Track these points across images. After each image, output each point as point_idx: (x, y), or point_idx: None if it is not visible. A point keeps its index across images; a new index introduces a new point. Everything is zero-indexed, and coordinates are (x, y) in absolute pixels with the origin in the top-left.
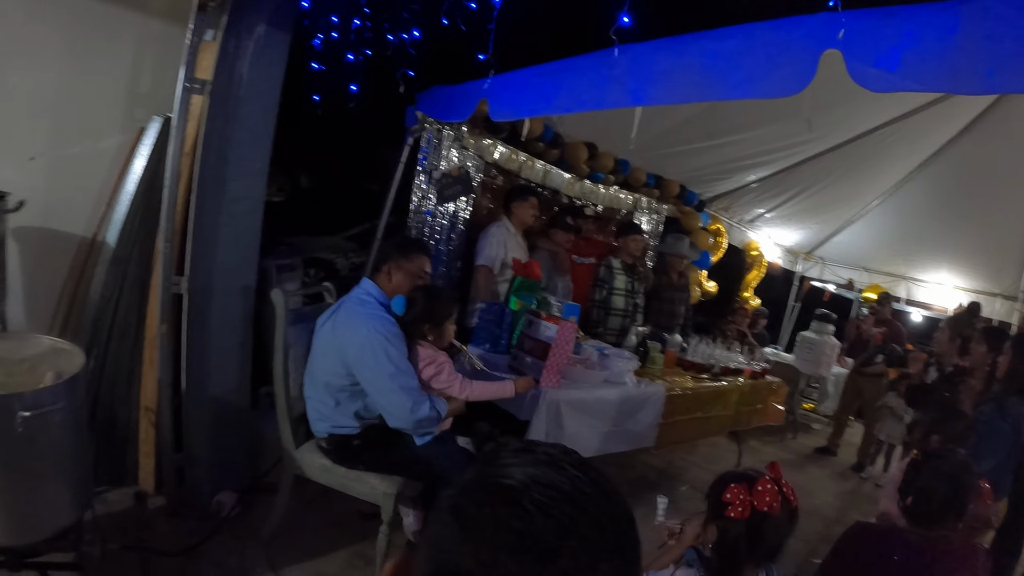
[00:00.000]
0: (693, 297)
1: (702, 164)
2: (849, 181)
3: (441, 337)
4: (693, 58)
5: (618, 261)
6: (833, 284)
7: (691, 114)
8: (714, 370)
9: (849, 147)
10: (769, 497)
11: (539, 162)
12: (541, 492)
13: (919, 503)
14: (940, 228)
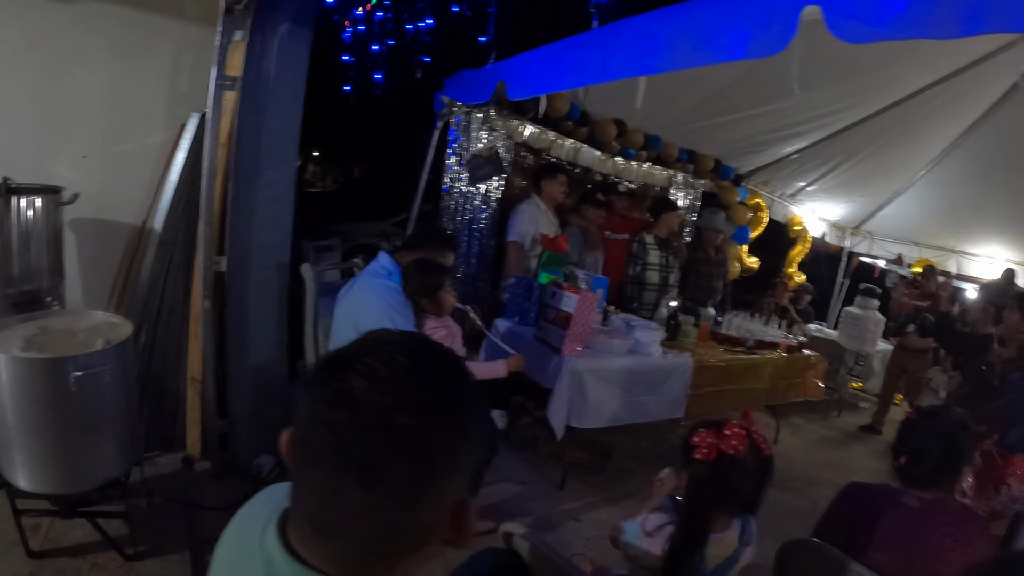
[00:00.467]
0: (733, 272)
1: (736, 137)
2: (893, 150)
3: (440, 307)
4: (685, 25)
5: (651, 236)
6: (883, 259)
7: (720, 86)
8: (748, 343)
9: (889, 114)
10: (735, 440)
11: (568, 140)
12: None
13: (913, 463)
14: (989, 198)
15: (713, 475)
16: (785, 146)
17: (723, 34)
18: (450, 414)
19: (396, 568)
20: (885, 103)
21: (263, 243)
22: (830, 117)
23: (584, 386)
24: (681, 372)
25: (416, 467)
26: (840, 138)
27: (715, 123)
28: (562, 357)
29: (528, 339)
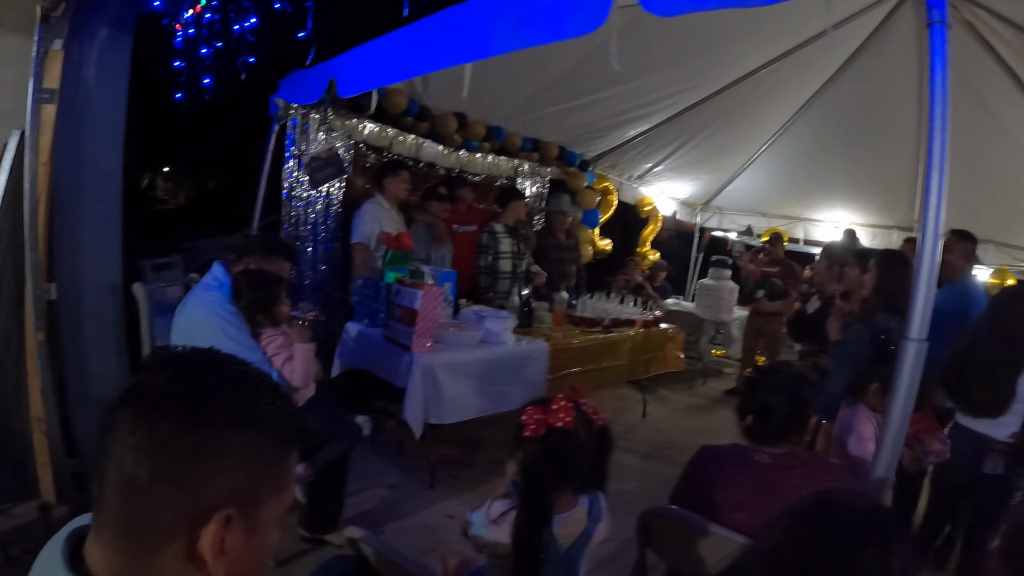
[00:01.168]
0: (586, 256)
1: (579, 123)
2: (735, 127)
3: (275, 320)
4: (505, 8)
5: (500, 226)
6: (734, 232)
7: (558, 73)
8: (604, 323)
9: (729, 93)
10: (563, 413)
11: (410, 136)
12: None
13: (759, 421)
14: (830, 167)
15: (545, 451)
16: (629, 129)
17: (541, 14)
18: (192, 404)
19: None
20: (724, 82)
21: (92, 266)
22: (671, 99)
23: (438, 381)
24: (537, 357)
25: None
26: (683, 118)
27: (557, 110)
28: (412, 354)
29: (378, 340)
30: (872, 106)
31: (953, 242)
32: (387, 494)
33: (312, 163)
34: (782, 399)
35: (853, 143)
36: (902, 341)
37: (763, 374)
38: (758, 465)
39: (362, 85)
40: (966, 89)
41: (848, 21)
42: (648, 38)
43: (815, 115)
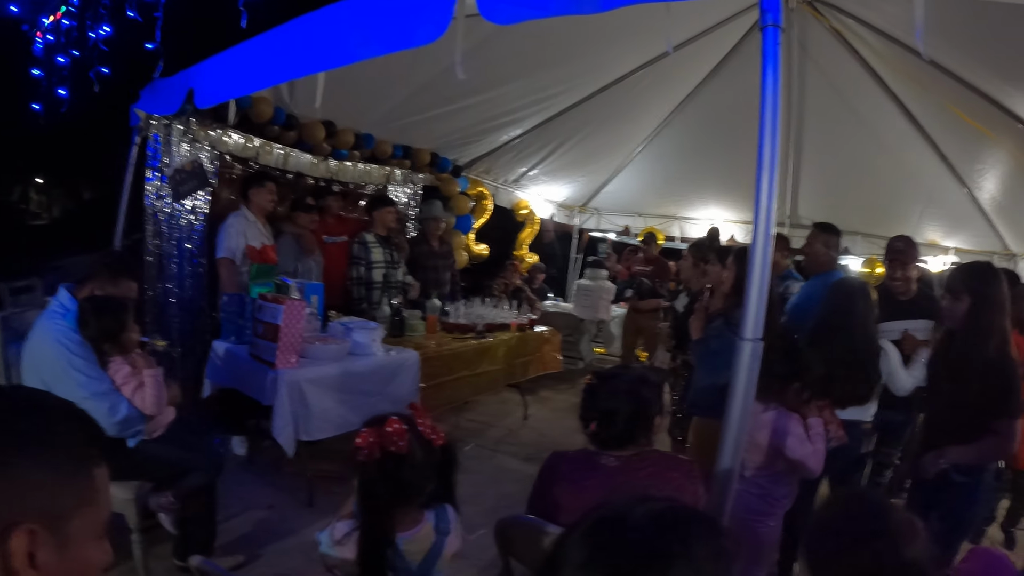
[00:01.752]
0: (461, 261)
1: (450, 129)
2: (610, 130)
3: (124, 348)
4: (353, 17)
5: (372, 235)
6: (612, 232)
7: (427, 79)
8: (478, 328)
9: (602, 96)
10: (397, 437)
11: (277, 146)
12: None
13: (603, 427)
14: (702, 166)
15: (380, 475)
16: (502, 134)
17: (386, 24)
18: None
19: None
20: (598, 86)
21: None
22: (544, 103)
23: (305, 397)
24: (408, 367)
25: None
26: (557, 122)
27: (428, 116)
28: (277, 371)
29: (244, 357)
30: (741, 107)
31: (816, 235)
32: (265, 515)
33: (175, 176)
34: (623, 403)
35: (724, 143)
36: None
37: (602, 380)
38: (605, 469)
39: (220, 95)
40: (834, 92)
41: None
42: (517, 43)
43: (688, 117)
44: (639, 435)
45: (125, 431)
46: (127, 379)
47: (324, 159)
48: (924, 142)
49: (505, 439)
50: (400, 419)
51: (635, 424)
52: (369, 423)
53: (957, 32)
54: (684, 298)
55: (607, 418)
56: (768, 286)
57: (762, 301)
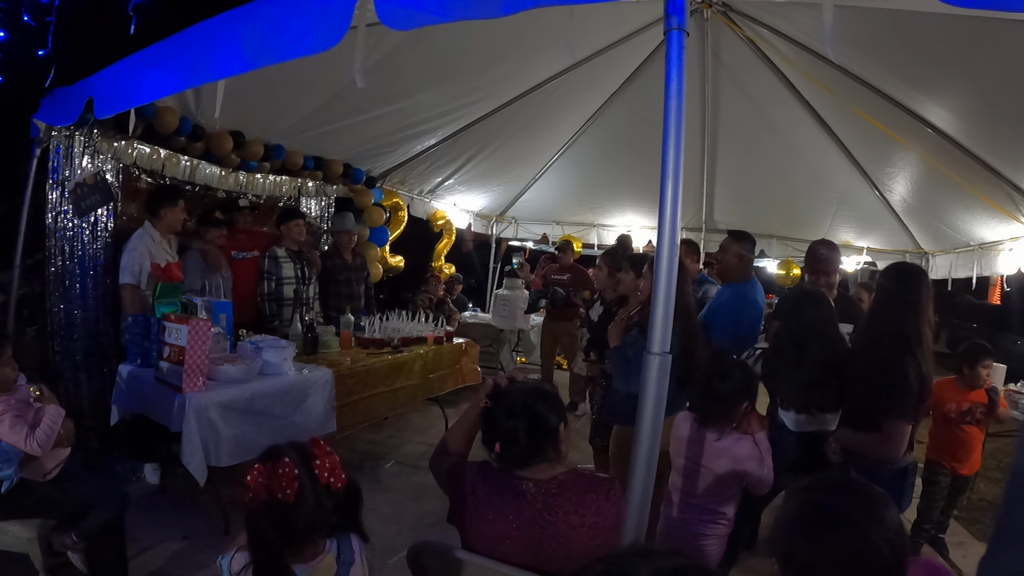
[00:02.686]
0: (376, 274)
1: (362, 139)
2: (525, 139)
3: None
4: (251, 25)
5: (282, 250)
6: (531, 241)
7: (336, 89)
8: (393, 343)
9: (516, 105)
10: (285, 483)
11: (183, 158)
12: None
13: (508, 447)
14: (618, 174)
15: (267, 518)
16: (415, 144)
17: (284, 31)
18: None
19: None
20: (511, 95)
21: None
22: (458, 112)
23: (214, 421)
24: (321, 385)
25: None
26: (471, 131)
27: (339, 127)
28: (184, 396)
29: (150, 382)
30: (655, 115)
31: (729, 244)
32: (180, 547)
33: (76, 190)
34: (521, 420)
35: (638, 151)
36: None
37: (496, 399)
38: (523, 495)
39: (119, 104)
40: (747, 99)
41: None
42: (426, 53)
43: (603, 126)
44: (547, 449)
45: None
46: (1, 417)
47: (233, 171)
48: (836, 147)
49: (426, 455)
50: (297, 458)
51: (538, 439)
52: (264, 457)
53: (866, 40)
54: (599, 307)
55: (509, 437)
56: (673, 297)
57: (669, 314)
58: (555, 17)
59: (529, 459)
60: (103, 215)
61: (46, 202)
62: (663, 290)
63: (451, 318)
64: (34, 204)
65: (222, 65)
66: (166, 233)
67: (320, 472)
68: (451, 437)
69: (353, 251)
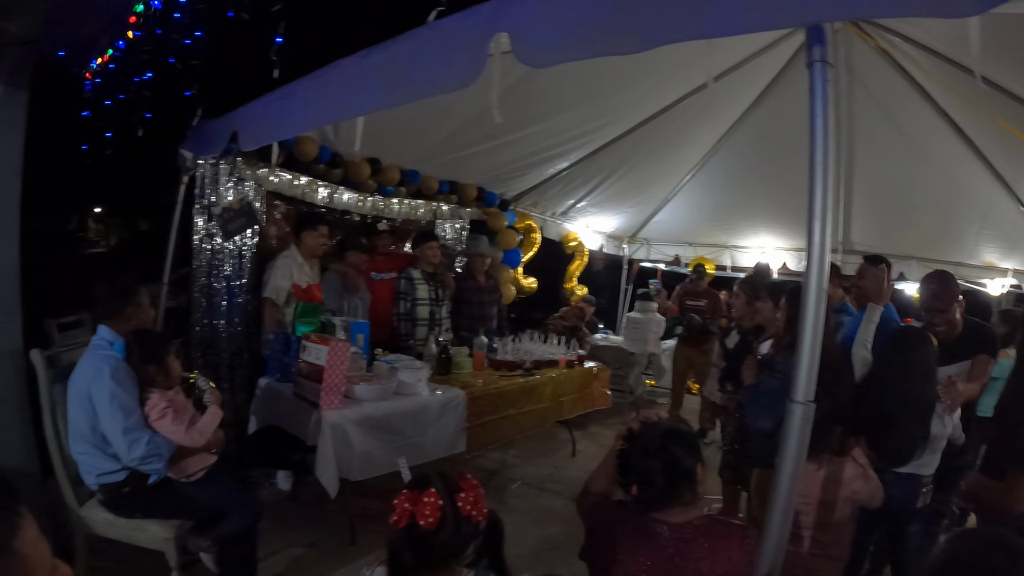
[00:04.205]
0: (508, 296)
1: (495, 164)
2: (656, 160)
3: (168, 375)
4: (385, 63)
5: (418, 272)
6: (662, 263)
7: (470, 115)
8: (525, 365)
9: (647, 127)
10: (428, 511)
11: (322, 184)
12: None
13: (645, 489)
14: (752, 193)
15: (407, 543)
16: (548, 167)
17: (421, 69)
18: None
19: None
20: (642, 117)
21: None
22: (589, 136)
23: (349, 438)
24: (454, 406)
25: None
26: (603, 154)
27: (472, 152)
28: (321, 412)
29: (288, 396)
30: (789, 132)
31: (866, 268)
32: (306, 553)
33: (223, 214)
34: (658, 462)
35: (773, 169)
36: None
37: (632, 441)
38: (657, 538)
39: (262, 138)
40: (882, 112)
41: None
42: (558, 78)
43: (735, 144)
44: (683, 491)
45: (142, 467)
46: (164, 411)
47: (370, 196)
48: (977, 160)
49: (551, 477)
50: (443, 489)
51: (675, 481)
52: (411, 484)
53: (1011, 49)
54: (735, 335)
55: (645, 479)
56: (820, 344)
57: (814, 360)
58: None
59: (665, 502)
60: (247, 237)
61: (192, 224)
62: (809, 336)
63: (583, 341)
64: (181, 226)
65: (361, 102)
66: (308, 257)
67: (463, 505)
68: (594, 478)
69: (486, 273)
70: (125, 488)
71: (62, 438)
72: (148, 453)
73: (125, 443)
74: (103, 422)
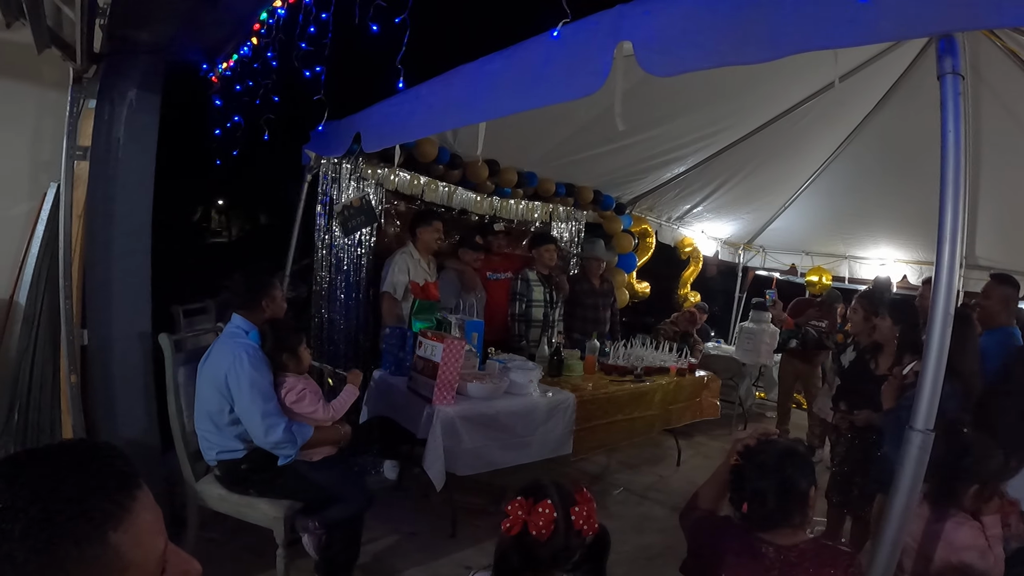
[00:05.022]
0: (622, 300)
1: (612, 167)
2: (774, 166)
3: (300, 363)
4: (507, 70)
5: (533, 273)
6: (777, 271)
7: (587, 119)
8: (636, 371)
9: (768, 130)
10: (542, 522)
11: (441, 184)
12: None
13: (755, 508)
14: (873, 202)
15: (516, 549)
16: (665, 171)
17: (542, 77)
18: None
19: None
20: (761, 121)
21: (123, 314)
22: (707, 140)
23: (459, 433)
24: (563, 409)
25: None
26: (721, 158)
27: (590, 155)
28: (433, 407)
29: (401, 389)
30: (913, 138)
31: (992, 288)
32: (406, 541)
33: (344, 211)
34: (772, 482)
35: (896, 177)
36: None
37: (747, 458)
38: (762, 559)
39: (385, 140)
40: (1010, 117)
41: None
42: (678, 81)
43: (857, 149)
44: (794, 513)
45: (276, 451)
46: (300, 394)
47: (487, 197)
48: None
49: (655, 486)
50: (558, 501)
51: (787, 503)
52: (525, 491)
53: None
54: (851, 352)
55: (757, 498)
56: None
57: (937, 386)
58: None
59: (775, 522)
60: (367, 234)
61: (314, 221)
62: (934, 360)
63: (694, 348)
64: (303, 222)
65: (484, 109)
66: (424, 252)
67: (576, 519)
68: (702, 493)
69: (601, 277)
70: (243, 465)
71: (184, 416)
72: (284, 439)
73: (263, 427)
74: (240, 406)
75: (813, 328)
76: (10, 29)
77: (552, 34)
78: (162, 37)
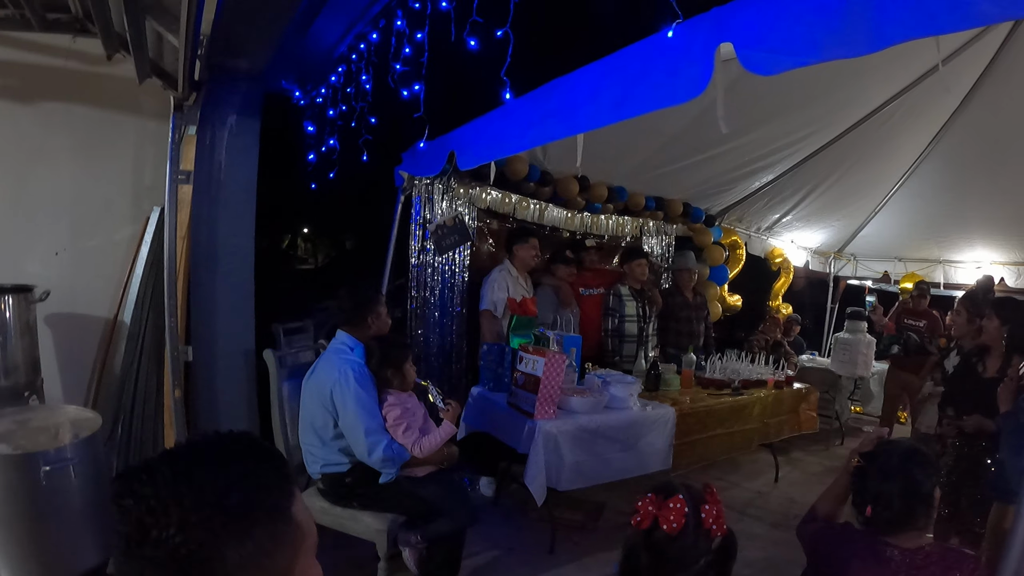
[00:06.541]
0: (715, 313)
1: (701, 179)
2: (864, 169)
3: (404, 380)
4: (606, 79)
5: (626, 288)
6: (870, 280)
7: (674, 132)
8: (734, 385)
9: (853, 134)
10: (673, 516)
11: (532, 201)
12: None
13: (880, 511)
14: (965, 203)
15: (645, 545)
16: (753, 181)
17: (641, 83)
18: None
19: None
20: (847, 124)
21: (227, 332)
22: (794, 147)
23: (560, 448)
24: (663, 423)
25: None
26: (808, 165)
27: (678, 167)
28: (535, 421)
29: (501, 405)
30: (1006, 129)
31: None
32: (505, 557)
33: (438, 230)
34: (896, 484)
35: (990, 174)
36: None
37: (871, 460)
38: (888, 563)
39: (480, 158)
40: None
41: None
42: (764, 88)
43: (947, 146)
44: (919, 515)
45: (379, 468)
46: (399, 420)
47: (577, 213)
48: None
49: (753, 502)
50: (688, 498)
51: (913, 504)
52: (657, 489)
53: None
54: (955, 357)
55: (882, 501)
56: None
57: None
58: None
59: (900, 525)
60: (461, 253)
61: (408, 241)
62: None
63: (789, 361)
64: (397, 242)
65: (584, 120)
66: (521, 269)
67: (706, 517)
68: (821, 502)
69: (694, 290)
70: (348, 479)
71: (288, 430)
72: (386, 457)
73: (366, 444)
74: (344, 422)
75: (910, 328)
76: (111, 62)
77: (666, 34)
78: (259, 64)
